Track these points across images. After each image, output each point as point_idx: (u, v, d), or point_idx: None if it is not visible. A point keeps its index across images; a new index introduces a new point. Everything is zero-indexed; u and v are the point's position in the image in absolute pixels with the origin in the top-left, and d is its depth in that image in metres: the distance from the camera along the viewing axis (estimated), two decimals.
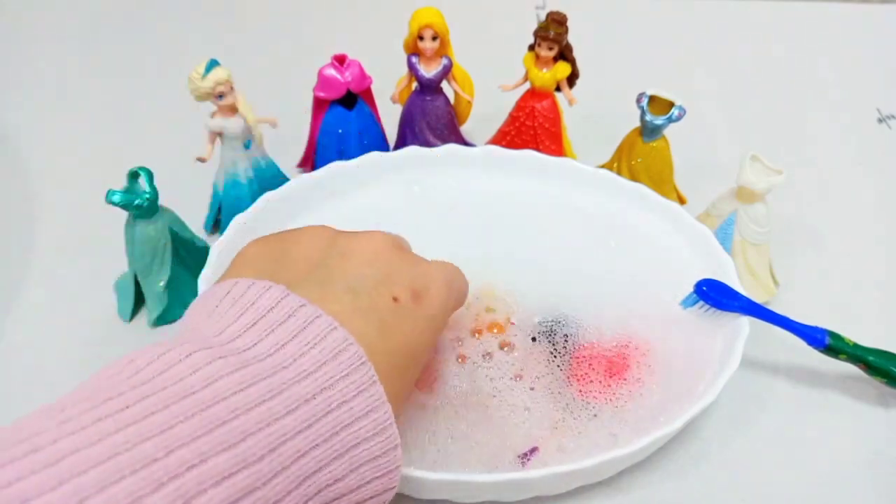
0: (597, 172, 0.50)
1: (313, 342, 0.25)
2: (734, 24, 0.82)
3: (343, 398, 0.25)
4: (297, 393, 0.24)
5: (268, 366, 0.24)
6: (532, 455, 0.36)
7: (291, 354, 0.25)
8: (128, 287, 0.46)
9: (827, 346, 0.36)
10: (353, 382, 0.25)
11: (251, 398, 0.23)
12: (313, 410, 0.24)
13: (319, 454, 0.24)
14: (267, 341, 0.25)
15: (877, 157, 0.63)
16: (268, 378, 0.24)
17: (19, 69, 0.74)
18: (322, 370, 0.25)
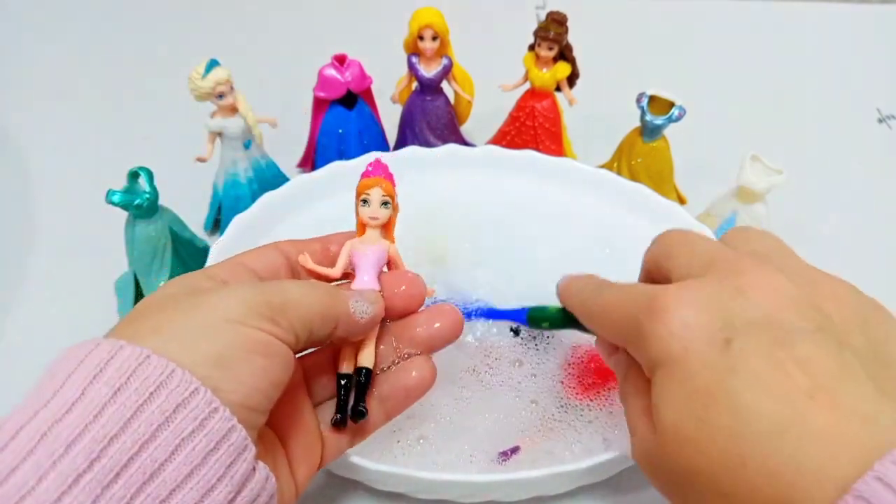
0: (597, 172, 0.50)
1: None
2: (734, 24, 0.82)
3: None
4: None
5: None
6: (514, 454, 0.36)
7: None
8: (128, 287, 0.46)
9: (528, 317, 0.36)
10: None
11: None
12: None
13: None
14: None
15: (877, 157, 0.63)
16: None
17: (19, 69, 0.74)
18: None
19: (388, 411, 0.31)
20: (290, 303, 0.25)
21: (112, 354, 0.21)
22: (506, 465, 0.36)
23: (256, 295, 0.25)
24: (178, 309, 0.24)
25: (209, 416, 0.21)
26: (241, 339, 0.23)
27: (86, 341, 0.22)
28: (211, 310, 0.24)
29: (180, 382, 0.21)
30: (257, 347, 0.24)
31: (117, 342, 0.22)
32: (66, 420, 0.20)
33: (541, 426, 0.37)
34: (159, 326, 0.23)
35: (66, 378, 0.21)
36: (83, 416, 0.20)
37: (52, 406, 0.20)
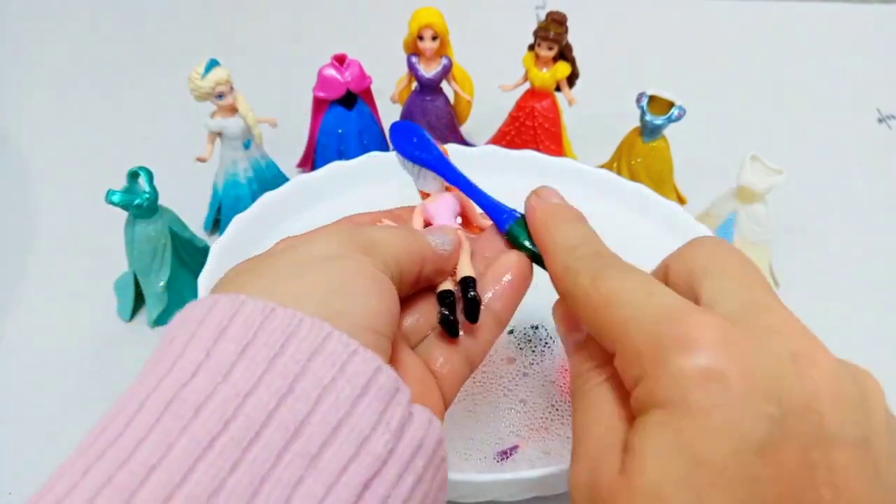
0: (597, 172, 0.50)
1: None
2: (734, 24, 0.82)
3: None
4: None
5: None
6: (512, 453, 0.36)
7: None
8: (128, 287, 0.46)
9: (507, 231, 0.29)
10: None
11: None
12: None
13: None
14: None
15: (877, 157, 0.63)
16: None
17: (19, 69, 0.74)
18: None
19: (498, 316, 0.28)
20: (377, 242, 0.24)
21: (235, 310, 0.19)
22: (504, 464, 0.36)
23: (345, 236, 0.24)
24: (268, 261, 0.23)
25: (349, 360, 0.19)
26: (349, 269, 0.22)
27: (201, 300, 0.20)
28: (308, 252, 0.22)
29: (311, 329, 0.19)
30: (365, 274, 0.22)
31: (238, 296, 0.20)
32: (192, 384, 0.18)
33: (538, 426, 0.37)
34: (258, 276, 0.22)
35: (188, 341, 0.19)
36: (211, 377, 0.18)
37: (176, 372, 0.19)
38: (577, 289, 0.23)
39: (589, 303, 0.23)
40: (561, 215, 0.27)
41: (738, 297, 0.21)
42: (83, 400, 0.42)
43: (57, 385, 0.43)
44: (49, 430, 0.41)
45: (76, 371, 0.44)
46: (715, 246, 0.24)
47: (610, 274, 0.23)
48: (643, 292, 0.22)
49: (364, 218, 0.30)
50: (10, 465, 0.39)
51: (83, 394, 0.42)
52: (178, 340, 0.20)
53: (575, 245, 0.25)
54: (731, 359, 0.19)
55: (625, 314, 0.21)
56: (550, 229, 0.26)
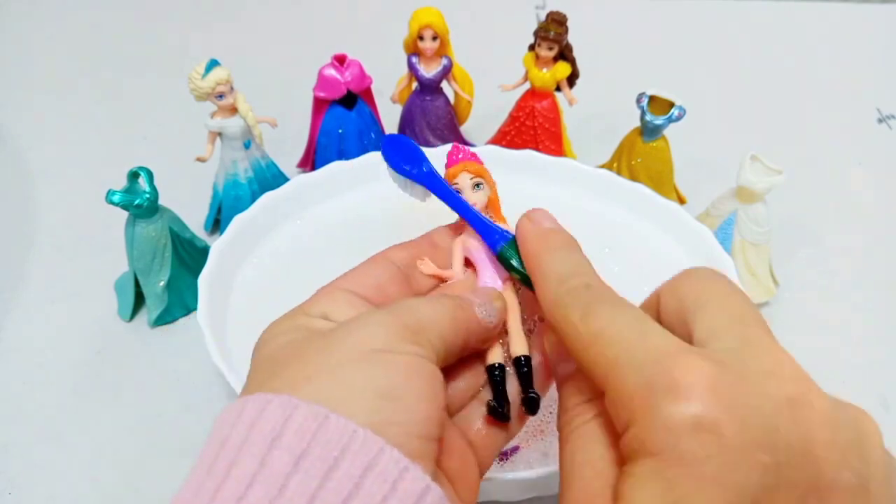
0: (596, 172, 0.50)
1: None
2: (734, 24, 0.82)
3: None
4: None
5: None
6: (512, 454, 0.36)
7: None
8: (128, 287, 0.46)
9: (498, 253, 0.28)
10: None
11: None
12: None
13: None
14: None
15: (877, 157, 0.63)
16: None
17: (19, 69, 0.74)
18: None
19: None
20: (423, 321, 0.23)
21: (288, 416, 0.19)
22: (504, 465, 0.36)
23: (392, 320, 0.22)
24: (317, 349, 0.22)
25: (400, 477, 0.19)
26: (400, 369, 0.21)
27: (249, 398, 0.20)
28: (354, 344, 0.21)
29: (364, 443, 0.19)
30: (415, 372, 0.21)
31: (291, 400, 0.19)
32: (249, 497, 0.18)
33: (536, 428, 0.37)
34: (308, 372, 0.21)
35: (241, 445, 0.19)
36: (266, 490, 0.18)
37: (231, 483, 0.18)
38: (567, 324, 0.22)
39: (579, 339, 0.22)
40: (552, 241, 0.26)
41: (732, 333, 0.21)
42: (83, 400, 0.42)
43: (57, 385, 0.43)
44: (49, 430, 0.41)
45: (76, 371, 0.44)
46: (707, 278, 0.23)
47: (601, 309, 0.22)
48: (635, 331, 0.21)
49: (400, 253, 0.29)
50: (10, 465, 0.39)
51: (83, 394, 0.42)
52: (230, 443, 0.19)
53: (565, 276, 0.24)
54: (723, 407, 0.18)
55: (615, 353, 0.20)
56: (541, 256, 0.25)
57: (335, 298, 0.25)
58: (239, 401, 0.20)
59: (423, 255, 0.30)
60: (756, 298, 0.47)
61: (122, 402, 0.42)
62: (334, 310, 0.24)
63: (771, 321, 0.50)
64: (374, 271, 0.27)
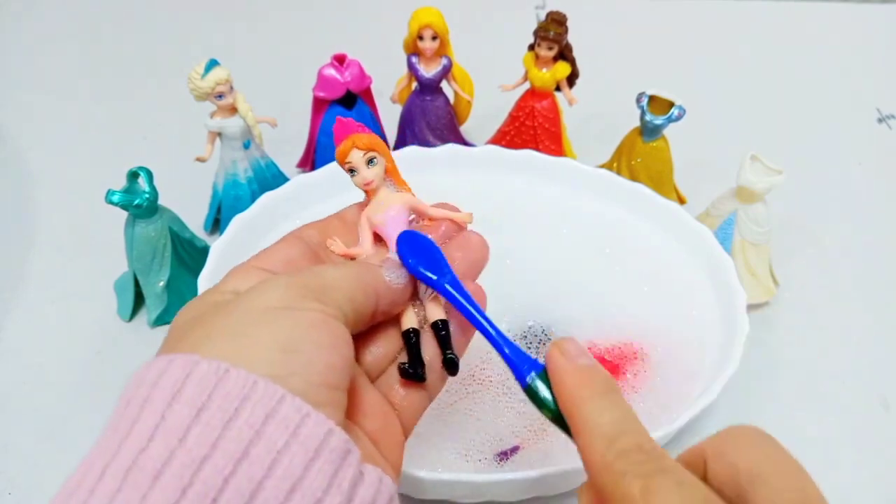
0: (596, 172, 0.50)
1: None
2: (734, 24, 0.82)
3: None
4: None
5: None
6: (513, 454, 0.36)
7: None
8: (128, 287, 0.46)
9: (527, 387, 0.25)
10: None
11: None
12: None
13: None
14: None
15: (877, 157, 0.63)
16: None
17: (19, 69, 0.74)
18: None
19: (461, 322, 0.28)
20: (328, 282, 0.24)
21: (188, 371, 0.20)
22: (505, 465, 0.36)
23: (294, 282, 0.23)
24: (219, 314, 0.22)
25: (302, 423, 0.19)
26: (301, 322, 0.22)
27: (155, 360, 0.21)
28: (256, 304, 0.22)
29: (265, 393, 0.19)
30: (316, 325, 0.22)
31: (191, 357, 0.20)
32: (150, 449, 0.18)
33: (538, 427, 0.37)
34: (210, 333, 0.21)
35: (143, 403, 0.19)
36: (167, 441, 0.18)
37: (133, 436, 0.19)
38: (622, 496, 0.20)
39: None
40: (594, 385, 0.23)
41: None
42: (83, 400, 0.42)
43: (57, 385, 0.43)
44: (49, 430, 0.41)
45: (76, 371, 0.44)
46: (760, 444, 0.22)
47: (663, 486, 0.19)
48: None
49: (311, 231, 0.30)
50: (10, 465, 0.39)
51: (83, 394, 0.42)
52: (133, 403, 0.20)
53: (615, 434, 0.21)
54: None
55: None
56: (583, 404, 0.23)
57: (247, 276, 0.26)
58: (143, 365, 0.21)
59: (334, 232, 0.30)
60: (756, 298, 0.47)
61: None
62: (244, 285, 0.25)
63: (771, 321, 0.50)
64: (285, 249, 0.28)
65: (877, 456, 0.40)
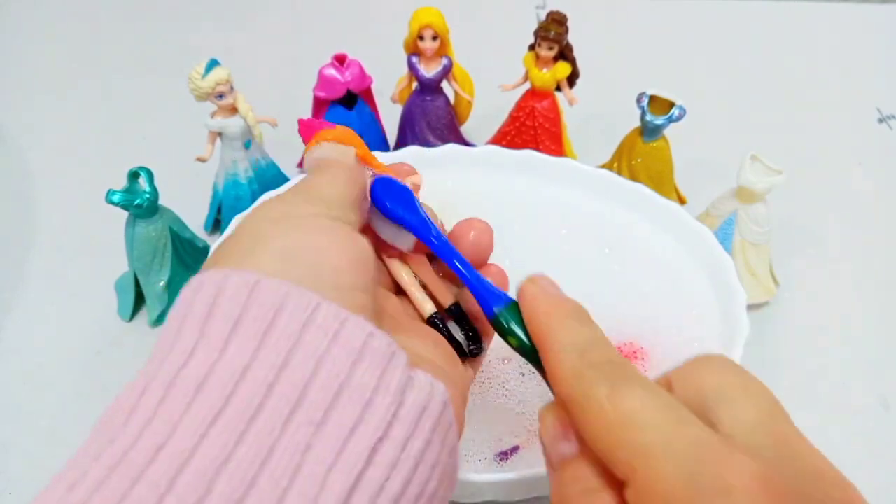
0: (597, 172, 0.50)
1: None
2: (734, 24, 0.82)
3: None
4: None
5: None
6: (513, 454, 0.36)
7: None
8: (128, 287, 0.46)
9: (494, 316, 0.25)
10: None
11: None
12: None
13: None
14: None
15: (877, 157, 0.63)
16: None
17: (19, 69, 0.74)
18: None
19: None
20: (323, 188, 0.24)
21: (220, 286, 0.20)
22: (505, 465, 0.36)
23: (288, 191, 0.24)
24: (232, 235, 0.23)
25: (342, 327, 0.19)
26: (296, 227, 0.22)
27: (190, 281, 0.21)
28: (258, 219, 0.23)
29: (299, 302, 0.19)
30: (315, 230, 0.22)
31: (222, 271, 0.20)
32: (190, 364, 0.18)
33: (537, 427, 0.37)
34: (225, 252, 0.22)
35: (181, 323, 0.20)
36: (207, 355, 0.19)
37: (174, 355, 0.19)
38: (589, 401, 0.20)
39: (603, 418, 0.19)
40: (566, 309, 0.23)
41: (763, 430, 0.20)
42: (83, 400, 0.42)
43: (57, 385, 0.43)
44: (49, 431, 0.41)
45: (76, 371, 0.44)
46: (727, 369, 0.22)
47: (630, 389, 0.20)
48: (671, 417, 0.19)
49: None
50: (10, 465, 0.39)
51: (83, 394, 0.42)
52: (172, 323, 0.20)
53: (585, 347, 0.22)
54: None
55: (648, 440, 0.18)
56: (554, 323, 0.23)
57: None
58: (185, 287, 0.21)
59: None
60: (756, 298, 0.47)
61: None
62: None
63: (771, 321, 0.50)
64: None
65: (877, 456, 0.40)
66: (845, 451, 0.41)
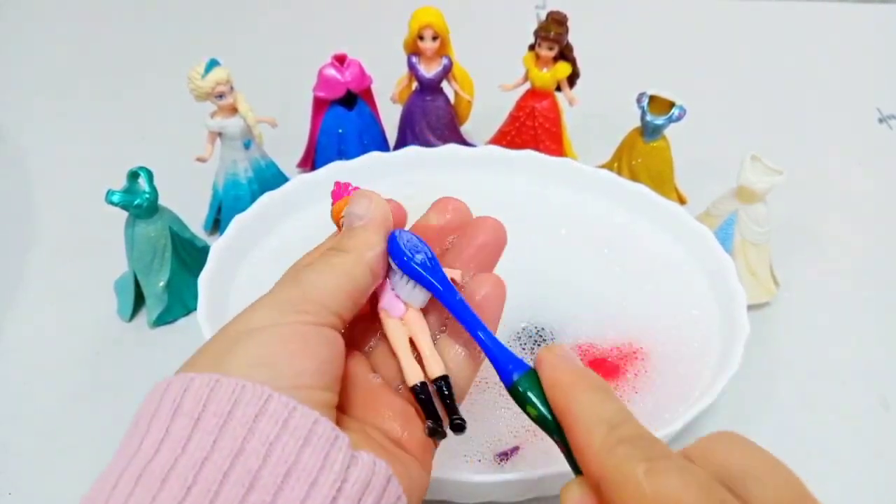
0: (597, 172, 0.50)
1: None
2: (734, 24, 0.82)
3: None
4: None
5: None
6: (513, 454, 0.36)
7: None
8: (128, 287, 0.46)
9: (513, 384, 0.25)
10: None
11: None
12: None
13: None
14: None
15: (877, 157, 0.63)
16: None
17: (19, 69, 0.74)
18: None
19: (473, 355, 0.28)
20: (307, 292, 0.25)
21: (185, 387, 0.22)
22: (505, 465, 0.36)
23: (274, 298, 0.25)
24: (214, 339, 0.24)
25: (290, 416, 0.21)
26: (275, 337, 0.23)
27: (159, 382, 0.23)
28: (241, 327, 0.24)
29: (253, 394, 0.21)
30: (290, 337, 0.23)
31: (187, 375, 0.22)
32: (156, 459, 0.20)
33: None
34: (203, 354, 0.24)
35: (150, 421, 0.22)
36: (172, 451, 0.21)
37: (143, 450, 0.21)
38: (625, 478, 0.20)
39: (641, 496, 0.19)
40: (590, 381, 0.23)
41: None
42: (83, 400, 0.42)
43: (57, 385, 0.43)
44: (49, 431, 0.41)
45: (76, 371, 0.44)
46: (749, 446, 0.22)
47: (667, 468, 0.19)
48: (711, 498, 0.19)
49: (307, 260, 0.29)
50: (10, 465, 0.39)
51: (83, 394, 0.42)
52: (142, 421, 0.22)
53: (615, 422, 0.21)
54: None
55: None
56: (579, 396, 0.22)
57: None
58: (154, 386, 0.23)
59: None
60: (756, 299, 0.47)
61: (121, 403, 0.42)
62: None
63: (771, 321, 0.50)
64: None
65: (877, 456, 0.40)
66: (845, 451, 0.41)
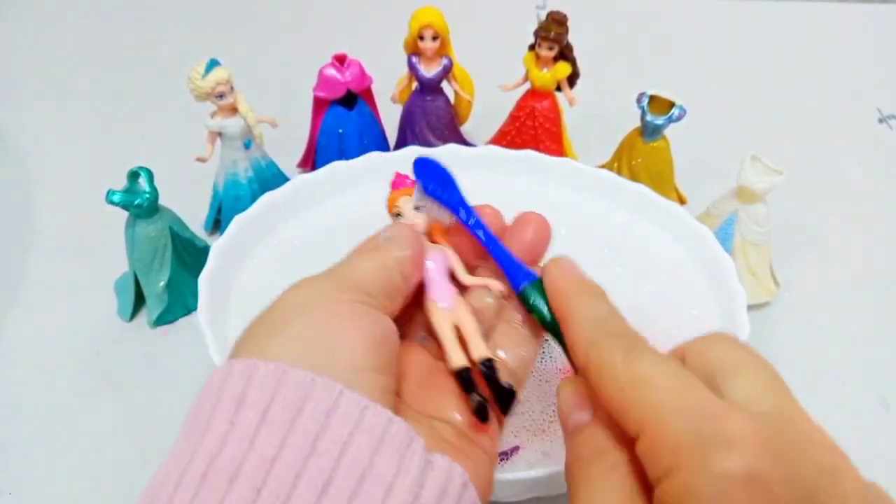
0: (597, 172, 0.50)
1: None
2: (734, 24, 0.82)
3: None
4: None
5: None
6: (513, 454, 0.36)
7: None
8: (128, 287, 0.46)
9: (521, 291, 0.27)
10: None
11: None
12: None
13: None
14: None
15: (877, 157, 0.63)
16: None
17: (19, 69, 0.74)
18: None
19: (533, 335, 0.28)
20: (352, 273, 0.24)
21: (249, 376, 0.21)
22: (505, 465, 0.36)
23: (318, 277, 0.25)
24: (260, 317, 0.24)
25: (362, 415, 0.20)
26: (321, 313, 0.23)
27: (217, 370, 0.22)
28: (285, 304, 0.23)
29: (324, 389, 0.20)
30: (337, 315, 0.23)
31: (251, 361, 0.21)
32: (223, 455, 0.19)
33: (537, 427, 0.37)
34: (252, 334, 0.23)
35: (212, 410, 0.20)
36: (239, 446, 0.19)
37: (206, 444, 0.20)
38: (604, 364, 0.22)
39: (616, 380, 0.22)
40: (586, 287, 0.26)
41: (767, 401, 0.21)
42: (83, 400, 0.42)
43: (57, 385, 0.43)
44: (49, 431, 0.41)
45: (76, 371, 0.44)
46: (739, 346, 0.24)
47: (643, 354, 0.22)
48: (680, 380, 0.21)
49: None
50: (10, 465, 0.39)
51: (83, 394, 0.42)
52: (203, 410, 0.21)
53: (603, 320, 0.24)
54: (773, 463, 0.18)
55: (659, 399, 0.20)
56: (575, 298, 0.25)
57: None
58: (213, 372, 0.22)
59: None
60: (756, 299, 0.47)
61: (121, 402, 0.42)
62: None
63: (771, 321, 0.50)
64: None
65: (877, 456, 0.40)
66: (845, 450, 0.41)
